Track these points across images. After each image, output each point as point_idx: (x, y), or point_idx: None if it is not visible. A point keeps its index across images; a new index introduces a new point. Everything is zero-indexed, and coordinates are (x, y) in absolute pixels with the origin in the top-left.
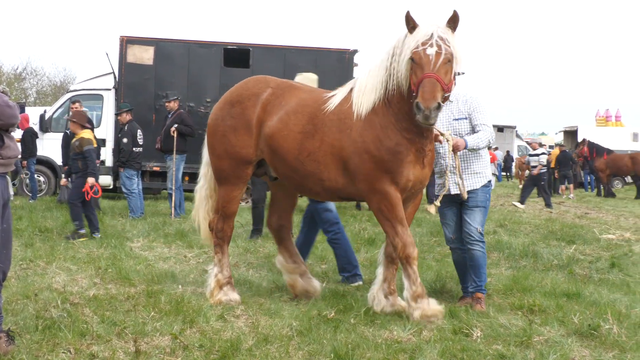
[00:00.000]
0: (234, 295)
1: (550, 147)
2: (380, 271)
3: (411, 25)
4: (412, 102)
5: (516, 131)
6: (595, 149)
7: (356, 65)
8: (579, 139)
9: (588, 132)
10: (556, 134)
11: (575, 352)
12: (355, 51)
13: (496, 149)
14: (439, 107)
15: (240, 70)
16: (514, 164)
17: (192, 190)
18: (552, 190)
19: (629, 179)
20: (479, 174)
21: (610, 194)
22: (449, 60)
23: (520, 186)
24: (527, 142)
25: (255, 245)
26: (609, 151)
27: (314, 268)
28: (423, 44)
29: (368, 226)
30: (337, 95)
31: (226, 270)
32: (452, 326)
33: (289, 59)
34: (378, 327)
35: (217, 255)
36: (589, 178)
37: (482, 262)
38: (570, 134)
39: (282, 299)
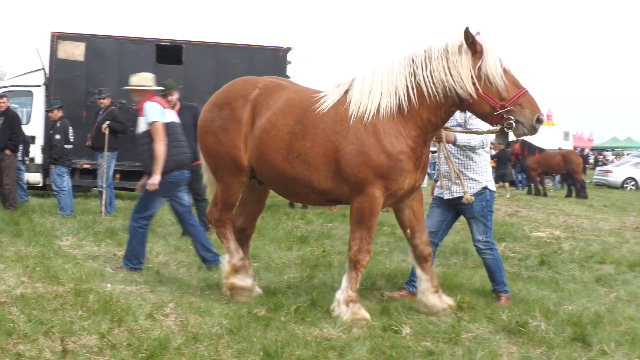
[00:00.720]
0: (249, 281)
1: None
2: (420, 273)
3: (470, 40)
4: (497, 115)
5: None
6: (527, 147)
7: (289, 62)
8: (510, 137)
9: None
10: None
11: (503, 348)
12: (289, 49)
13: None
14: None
15: (173, 67)
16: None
17: (123, 188)
18: None
19: (558, 177)
20: (472, 180)
21: (542, 193)
22: None
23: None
24: None
25: (187, 243)
26: (541, 150)
27: None
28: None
29: (301, 224)
30: (329, 96)
31: (237, 254)
32: (382, 323)
33: (222, 56)
34: (308, 324)
35: (224, 243)
36: (519, 176)
37: (494, 267)
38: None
39: (213, 297)
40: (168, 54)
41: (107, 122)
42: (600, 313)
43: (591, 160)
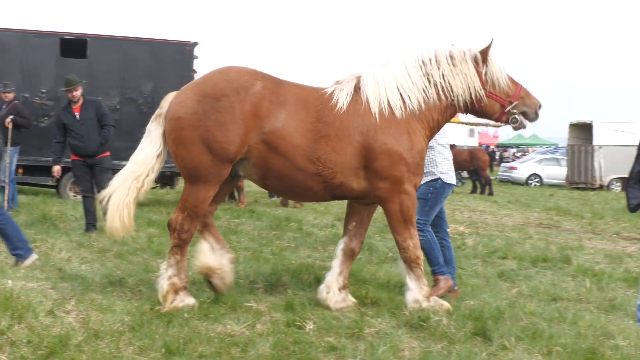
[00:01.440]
0: (190, 300)
1: None
2: (336, 264)
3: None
4: (506, 112)
5: None
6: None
7: (196, 57)
8: None
9: None
10: None
11: (405, 343)
12: (195, 43)
13: None
14: None
15: (77, 60)
16: None
17: (26, 183)
18: None
19: (465, 173)
20: (428, 172)
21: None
22: None
23: None
24: None
25: (90, 239)
26: (452, 146)
27: (150, 263)
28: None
29: None
30: (339, 93)
31: (183, 274)
32: (285, 319)
33: (127, 51)
34: (212, 321)
35: (174, 256)
36: None
37: (427, 248)
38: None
39: (115, 294)
40: (72, 48)
41: (11, 117)
42: (501, 308)
43: (497, 157)
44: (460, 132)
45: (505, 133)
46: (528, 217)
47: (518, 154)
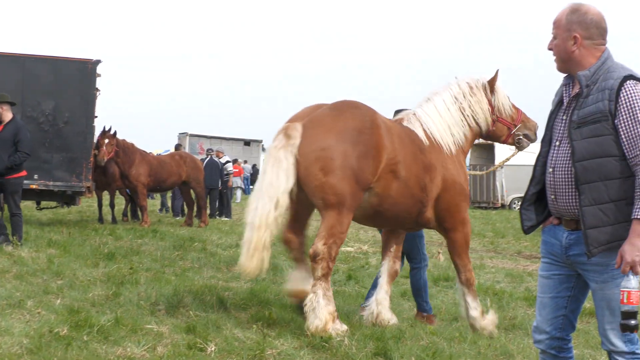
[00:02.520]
0: (344, 327)
1: None
2: (383, 282)
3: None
4: (512, 135)
5: (262, 145)
6: None
7: (99, 75)
8: None
9: None
10: None
11: None
12: (98, 61)
13: (245, 162)
14: None
15: None
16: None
17: None
18: None
19: None
20: None
21: None
22: None
23: None
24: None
25: None
26: None
27: (49, 284)
28: None
29: (109, 240)
30: (417, 129)
31: (333, 303)
32: (187, 341)
33: (28, 68)
34: (112, 343)
35: (324, 284)
36: None
37: (423, 286)
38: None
39: (14, 316)
40: None
41: None
42: (402, 328)
43: None
44: None
45: None
46: (431, 236)
47: None
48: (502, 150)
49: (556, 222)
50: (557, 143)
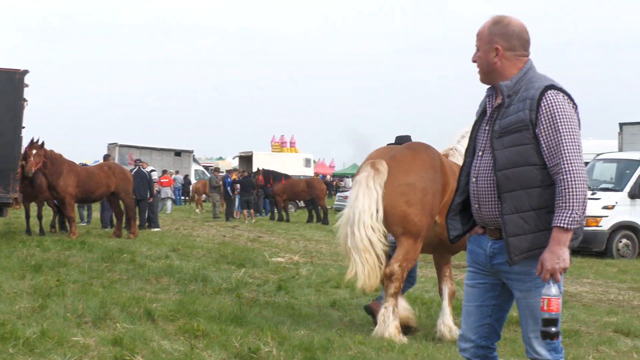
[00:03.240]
0: (405, 339)
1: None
2: (446, 305)
3: None
4: None
5: (193, 155)
6: (272, 176)
7: (27, 86)
8: (254, 164)
9: (263, 158)
10: (233, 158)
11: None
12: (25, 72)
13: (177, 172)
14: None
15: None
16: (191, 187)
17: None
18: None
19: (301, 203)
20: None
21: (284, 219)
22: None
23: (197, 210)
24: (204, 167)
25: None
26: (287, 176)
27: None
28: None
29: (37, 252)
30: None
31: (398, 318)
32: (113, 353)
33: None
34: (37, 356)
35: (394, 301)
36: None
37: None
38: (246, 159)
39: None
40: None
41: None
42: (331, 337)
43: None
44: (296, 162)
45: (341, 163)
46: None
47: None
48: None
49: (481, 232)
50: (480, 153)
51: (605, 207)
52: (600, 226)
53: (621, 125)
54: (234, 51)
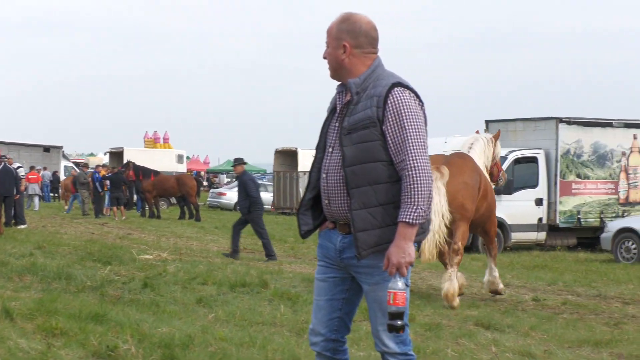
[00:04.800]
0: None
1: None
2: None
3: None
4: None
5: (63, 151)
6: (142, 171)
7: None
8: (125, 160)
9: (134, 154)
10: (104, 154)
11: None
12: None
13: (45, 168)
14: None
15: None
16: (60, 184)
17: None
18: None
19: (174, 199)
20: None
21: (156, 215)
22: None
23: (66, 207)
24: (75, 163)
25: None
26: (156, 172)
27: None
28: None
29: None
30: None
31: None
32: None
33: None
34: None
35: (457, 268)
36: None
37: None
38: (116, 155)
39: None
40: None
41: None
42: (192, 334)
43: (205, 183)
44: (168, 158)
45: (215, 159)
46: None
47: (228, 179)
48: (304, 157)
49: (331, 226)
50: (330, 149)
51: None
52: None
53: (487, 122)
54: (107, 46)
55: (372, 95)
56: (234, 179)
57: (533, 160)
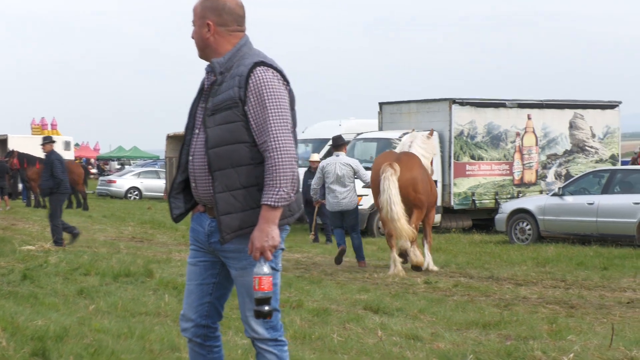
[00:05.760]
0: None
1: None
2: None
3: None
4: None
5: None
6: (27, 159)
7: None
8: (9, 147)
9: (19, 141)
10: None
11: None
12: None
13: None
14: None
15: None
16: None
17: None
18: None
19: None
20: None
21: (42, 205)
22: None
23: None
24: None
25: None
26: (42, 160)
27: None
28: None
29: None
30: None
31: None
32: None
33: None
34: None
35: (415, 245)
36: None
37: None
38: (0, 142)
39: None
40: None
41: None
42: (67, 326)
43: (95, 170)
44: (56, 145)
45: (107, 145)
46: (122, 232)
47: (119, 167)
48: None
49: (202, 210)
50: (197, 131)
51: (366, 186)
52: (361, 205)
53: (381, 104)
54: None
55: (235, 75)
56: (123, 166)
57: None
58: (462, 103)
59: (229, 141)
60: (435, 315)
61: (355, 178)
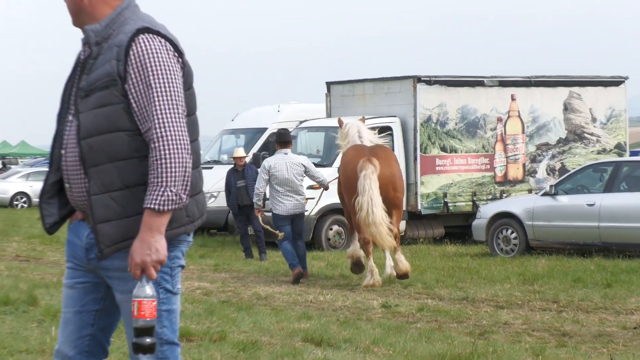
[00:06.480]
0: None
1: None
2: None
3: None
4: None
5: None
6: None
7: None
8: None
9: None
10: None
11: None
12: None
13: None
14: None
15: None
16: None
17: None
18: None
19: None
20: None
21: None
22: None
23: None
24: None
25: None
26: None
27: None
28: None
29: None
30: None
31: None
32: None
33: None
34: None
35: (400, 250)
36: None
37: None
38: None
39: None
40: None
41: None
42: None
43: None
44: None
45: None
46: (4, 249)
47: (1, 167)
48: None
49: (81, 217)
50: (70, 117)
51: (311, 187)
52: (306, 210)
53: (329, 84)
54: None
55: (113, 45)
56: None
57: (386, 130)
58: (430, 82)
59: (105, 129)
60: (393, 347)
61: (303, 177)
